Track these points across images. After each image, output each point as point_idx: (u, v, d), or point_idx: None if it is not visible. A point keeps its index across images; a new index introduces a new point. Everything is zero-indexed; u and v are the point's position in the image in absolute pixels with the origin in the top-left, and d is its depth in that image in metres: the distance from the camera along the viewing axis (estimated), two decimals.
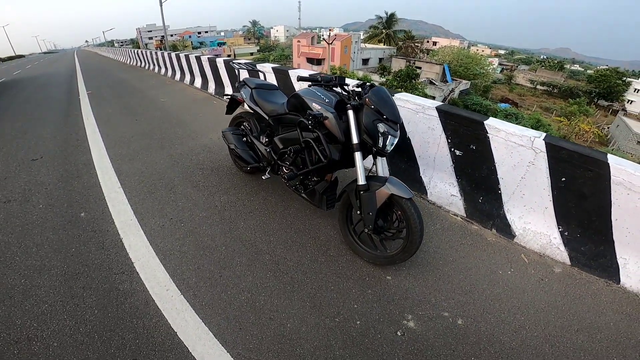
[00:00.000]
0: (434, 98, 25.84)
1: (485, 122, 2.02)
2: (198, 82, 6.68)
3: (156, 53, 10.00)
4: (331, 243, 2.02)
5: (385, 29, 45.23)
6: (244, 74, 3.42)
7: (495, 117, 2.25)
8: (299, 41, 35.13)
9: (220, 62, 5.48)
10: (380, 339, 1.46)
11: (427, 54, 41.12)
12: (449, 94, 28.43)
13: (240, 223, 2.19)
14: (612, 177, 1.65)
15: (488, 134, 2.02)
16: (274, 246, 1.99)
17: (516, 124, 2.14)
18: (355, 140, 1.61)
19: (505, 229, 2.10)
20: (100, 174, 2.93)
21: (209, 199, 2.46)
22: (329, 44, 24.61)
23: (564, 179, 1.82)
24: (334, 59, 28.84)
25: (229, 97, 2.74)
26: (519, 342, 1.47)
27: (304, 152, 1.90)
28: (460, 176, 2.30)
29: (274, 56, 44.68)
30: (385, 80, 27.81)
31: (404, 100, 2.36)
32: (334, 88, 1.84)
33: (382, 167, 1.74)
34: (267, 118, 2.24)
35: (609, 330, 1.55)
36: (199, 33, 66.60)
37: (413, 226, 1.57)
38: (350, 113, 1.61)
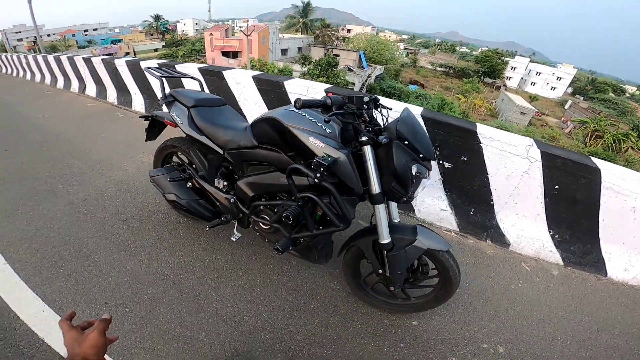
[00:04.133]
0: (353, 84, 26.89)
1: (478, 130, 1.88)
2: (91, 89, 5.22)
3: (26, 57, 7.59)
4: (337, 297, 1.65)
5: (302, 17, 44.87)
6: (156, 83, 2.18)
7: (408, 99, 2.14)
8: (211, 34, 32.06)
9: (121, 63, 4.29)
10: None
11: (343, 42, 42.40)
12: (366, 79, 29.92)
13: (212, 294, 1.62)
14: (602, 182, 1.68)
15: (481, 144, 1.90)
16: (270, 318, 1.52)
17: (425, 104, 2.07)
18: (376, 189, 1.17)
19: (500, 239, 2.06)
20: None
21: (151, 267, 1.76)
22: (247, 35, 22.99)
23: (557, 186, 1.82)
24: (252, 51, 27.27)
25: (148, 118, 1.94)
26: (559, 353, 1.48)
27: (300, 209, 1.33)
28: (449, 189, 2.15)
29: (182, 51, 39.99)
30: (307, 70, 27.61)
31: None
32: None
33: (395, 211, 1.40)
34: (221, 153, 1.62)
35: (620, 324, 1.64)
36: (86, 31, 55.17)
37: (453, 278, 1.32)
38: (368, 150, 1.14)
